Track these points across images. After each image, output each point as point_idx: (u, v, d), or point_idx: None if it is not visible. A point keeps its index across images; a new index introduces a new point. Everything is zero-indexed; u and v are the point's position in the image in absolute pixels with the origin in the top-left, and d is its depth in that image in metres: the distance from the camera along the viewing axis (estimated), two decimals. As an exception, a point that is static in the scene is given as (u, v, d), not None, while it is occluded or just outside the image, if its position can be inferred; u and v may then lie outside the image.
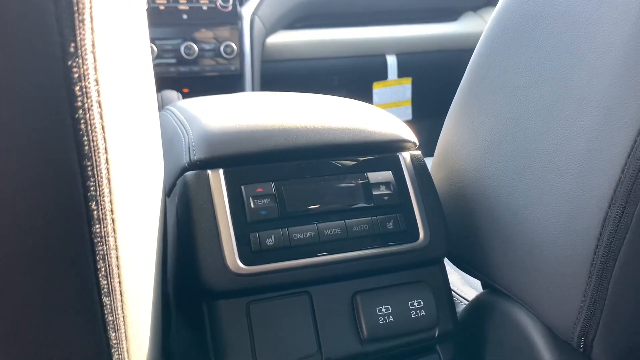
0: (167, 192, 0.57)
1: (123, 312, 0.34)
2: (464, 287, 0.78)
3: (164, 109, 0.69)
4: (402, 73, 1.66)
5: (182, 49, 1.41)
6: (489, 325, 0.61)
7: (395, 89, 1.66)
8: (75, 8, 0.24)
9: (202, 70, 1.45)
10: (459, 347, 0.64)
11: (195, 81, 1.46)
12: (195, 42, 1.42)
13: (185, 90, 1.46)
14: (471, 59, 0.61)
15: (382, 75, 1.63)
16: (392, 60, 1.62)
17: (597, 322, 0.49)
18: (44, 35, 0.24)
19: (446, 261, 0.65)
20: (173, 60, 1.42)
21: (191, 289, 0.52)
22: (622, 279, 0.47)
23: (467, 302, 0.70)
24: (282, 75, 1.55)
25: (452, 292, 0.75)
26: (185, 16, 1.41)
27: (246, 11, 1.47)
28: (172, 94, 1.37)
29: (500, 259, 0.57)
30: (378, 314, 0.53)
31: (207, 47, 1.43)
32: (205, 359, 0.51)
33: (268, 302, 0.51)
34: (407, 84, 1.68)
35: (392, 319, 0.53)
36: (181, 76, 1.43)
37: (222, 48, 1.43)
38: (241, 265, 0.50)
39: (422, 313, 0.54)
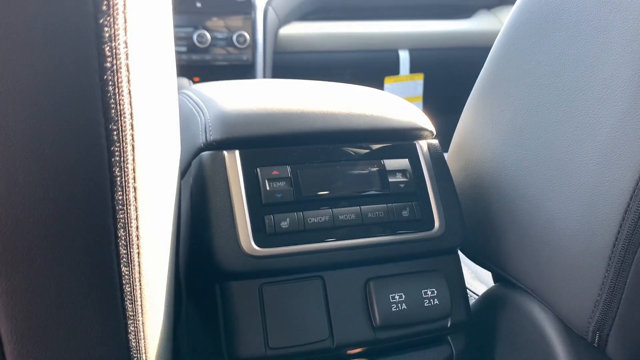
0: (182, 174, 0.57)
1: (140, 284, 0.33)
2: (475, 282, 0.77)
3: (178, 92, 0.69)
4: (414, 69, 1.65)
5: (194, 37, 1.41)
6: (502, 318, 0.61)
7: (407, 85, 1.65)
8: None
9: (214, 59, 1.44)
10: (471, 339, 0.63)
11: (206, 70, 1.45)
12: (207, 30, 1.42)
13: (196, 79, 1.46)
14: (492, 49, 0.61)
15: (394, 70, 1.62)
16: (404, 56, 1.61)
17: (614, 316, 0.48)
18: None
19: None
20: (185, 48, 1.42)
21: (204, 271, 0.52)
22: None
23: (477, 297, 0.70)
24: (294, 67, 1.55)
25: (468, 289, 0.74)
26: (199, 4, 1.41)
27: (260, 1, 1.46)
28: (183, 81, 1.37)
29: (515, 251, 0.57)
30: (391, 301, 0.53)
31: (219, 35, 1.43)
32: (215, 342, 0.51)
33: (281, 285, 0.51)
34: (419, 80, 1.67)
35: (405, 306, 0.53)
36: (192, 64, 1.43)
37: (234, 37, 1.42)
38: (255, 247, 0.50)
39: (435, 302, 0.54)
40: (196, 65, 1.44)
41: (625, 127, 0.45)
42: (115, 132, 0.27)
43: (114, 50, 0.25)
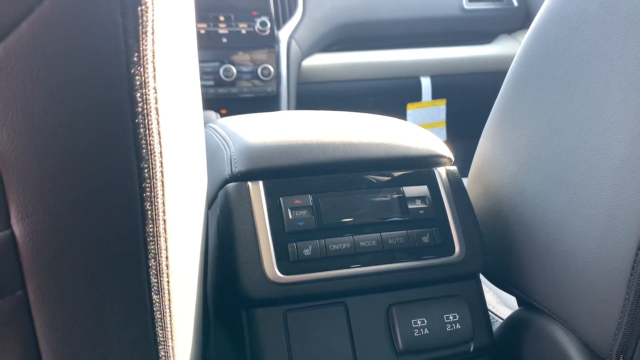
0: (209, 204, 0.60)
1: (170, 311, 0.35)
2: (500, 306, 0.77)
3: (205, 126, 0.72)
4: (436, 95, 1.67)
5: (221, 71, 1.45)
6: (525, 342, 0.61)
7: (430, 110, 1.67)
8: (140, 21, 0.26)
9: (240, 92, 1.49)
10: (495, 362, 0.63)
11: (232, 102, 1.50)
12: (233, 64, 1.46)
13: (223, 111, 1.50)
14: (507, 76, 0.62)
15: (416, 96, 1.64)
16: (426, 82, 1.63)
17: (637, 338, 0.48)
18: (111, 44, 0.26)
19: (481, 279, 0.65)
20: (212, 82, 1.47)
21: (230, 298, 0.54)
22: None
23: (502, 320, 0.70)
24: (317, 96, 1.58)
25: (491, 312, 0.75)
26: (224, 40, 1.46)
27: (283, 35, 1.51)
28: (211, 114, 1.41)
29: (535, 274, 0.57)
30: (413, 326, 0.54)
31: (245, 69, 1.47)
32: (243, 367, 0.52)
33: (305, 311, 0.52)
34: (441, 105, 1.69)
35: (427, 331, 0.54)
36: (219, 97, 1.48)
37: (259, 70, 1.47)
38: (279, 274, 0.52)
39: (457, 327, 0.55)
40: (223, 98, 1.48)
41: (637, 149, 0.46)
42: (146, 170, 0.30)
43: (144, 97, 0.28)
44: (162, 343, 0.36)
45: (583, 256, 0.51)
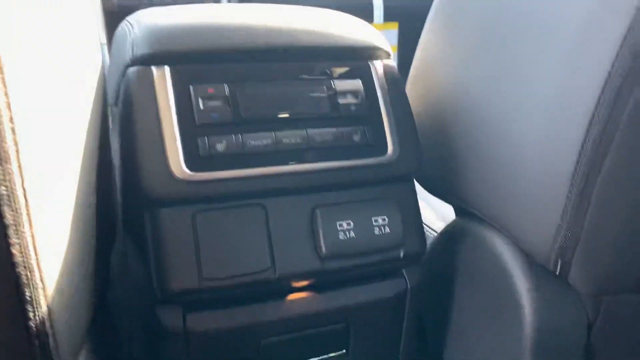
0: (114, 100, 0.52)
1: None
2: (439, 222, 0.73)
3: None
4: (388, 17, 1.59)
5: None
6: (462, 252, 0.57)
7: (382, 34, 1.59)
8: None
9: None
10: (430, 274, 0.60)
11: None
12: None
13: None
14: None
15: (367, 18, 1.56)
16: (378, 3, 1.55)
17: (576, 242, 0.44)
18: None
19: (420, 196, 0.60)
20: None
21: (134, 199, 0.48)
22: (605, 193, 0.42)
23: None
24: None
25: (426, 226, 0.71)
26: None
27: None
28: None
29: (475, 180, 0.53)
30: (338, 228, 0.49)
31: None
32: (146, 275, 0.47)
33: (217, 212, 0.46)
34: (393, 29, 1.61)
35: (353, 234, 0.49)
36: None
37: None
38: (187, 171, 0.45)
39: (386, 230, 0.50)
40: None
41: (589, 29, 0.41)
42: None
43: None
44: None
45: (526, 156, 0.47)
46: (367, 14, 1.56)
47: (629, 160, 0.41)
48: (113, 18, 1.03)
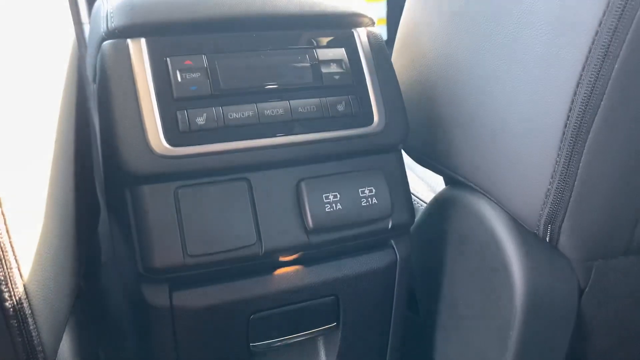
0: (92, 77, 0.50)
1: None
2: (427, 192, 0.73)
3: None
4: (376, -11, 1.56)
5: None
6: (452, 220, 0.56)
7: (371, 6, 1.56)
8: None
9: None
10: (420, 245, 0.59)
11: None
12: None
13: None
14: None
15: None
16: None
17: (565, 206, 0.44)
18: None
19: (409, 167, 0.59)
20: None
21: (114, 176, 0.46)
22: (593, 157, 0.41)
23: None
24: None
25: (417, 197, 0.70)
26: None
27: None
28: None
29: (462, 147, 0.52)
30: (325, 201, 0.48)
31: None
32: (130, 252, 0.46)
33: (200, 187, 0.45)
34: (381, 2, 1.58)
35: (340, 206, 0.48)
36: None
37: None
38: (167, 145, 0.44)
39: (374, 201, 0.49)
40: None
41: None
42: None
43: None
44: None
45: (512, 122, 0.46)
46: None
47: (616, 123, 0.40)
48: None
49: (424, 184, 0.75)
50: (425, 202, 0.69)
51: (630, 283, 0.50)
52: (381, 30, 1.62)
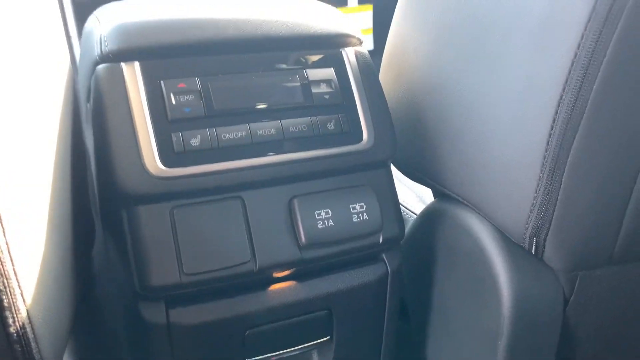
0: (86, 97, 0.51)
1: None
2: (418, 204, 0.74)
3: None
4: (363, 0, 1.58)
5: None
6: (441, 233, 0.58)
7: (355, 17, 1.58)
8: None
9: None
10: (410, 257, 0.61)
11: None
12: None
13: None
14: None
15: (341, 1, 1.55)
16: (351, -14, 1.54)
17: (550, 219, 0.45)
18: None
19: (398, 179, 0.61)
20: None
21: (111, 197, 0.47)
22: (576, 171, 0.43)
23: (419, 216, 0.67)
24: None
25: (406, 209, 0.72)
26: None
27: None
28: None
29: (449, 161, 0.53)
30: (317, 217, 0.49)
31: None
32: (127, 272, 0.47)
33: (195, 207, 0.46)
34: (367, 11, 1.60)
35: (332, 223, 0.49)
36: None
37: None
38: (162, 167, 0.45)
39: (365, 217, 0.50)
40: None
41: (554, 9, 0.41)
42: None
43: None
44: None
45: (497, 136, 0.47)
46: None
47: (596, 141, 0.42)
48: (84, 9, 1.01)
49: (413, 195, 0.77)
50: (415, 213, 0.71)
51: (613, 291, 0.52)
52: (368, 40, 1.64)
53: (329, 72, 0.52)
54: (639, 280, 0.53)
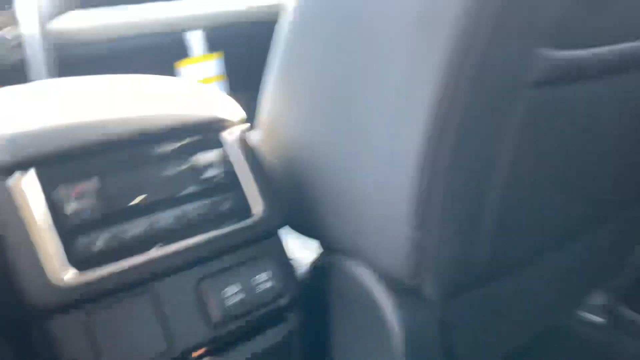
0: None
1: None
2: (304, 250, 0.80)
3: None
4: (213, 48, 1.61)
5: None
6: (331, 285, 0.64)
7: (204, 65, 1.61)
8: None
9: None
10: (306, 311, 0.66)
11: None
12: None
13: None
14: (281, 33, 0.62)
15: (185, 53, 1.57)
16: (197, 36, 1.57)
17: (423, 262, 0.53)
18: None
19: (287, 229, 0.65)
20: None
21: (16, 314, 0.47)
22: (442, 219, 0.52)
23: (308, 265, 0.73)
24: (81, 60, 1.42)
25: (294, 258, 0.77)
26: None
27: (23, -8, 1.30)
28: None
29: (333, 219, 0.60)
30: (225, 296, 0.53)
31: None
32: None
33: (108, 309, 0.48)
34: (215, 59, 1.64)
35: (240, 297, 0.53)
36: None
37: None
38: (70, 275, 0.46)
39: (268, 285, 0.55)
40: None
41: (403, 94, 0.49)
42: None
43: None
44: None
45: (370, 197, 0.55)
46: (185, 49, 1.58)
47: (457, 196, 0.51)
48: None
49: (302, 241, 0.82)
50: (305, 262, 0.77)
51: (482, 309, 0.63)
52: (223, 86, 1.67)
53: (212, 156, 0.57)
54: (497, 294, 0.65)
